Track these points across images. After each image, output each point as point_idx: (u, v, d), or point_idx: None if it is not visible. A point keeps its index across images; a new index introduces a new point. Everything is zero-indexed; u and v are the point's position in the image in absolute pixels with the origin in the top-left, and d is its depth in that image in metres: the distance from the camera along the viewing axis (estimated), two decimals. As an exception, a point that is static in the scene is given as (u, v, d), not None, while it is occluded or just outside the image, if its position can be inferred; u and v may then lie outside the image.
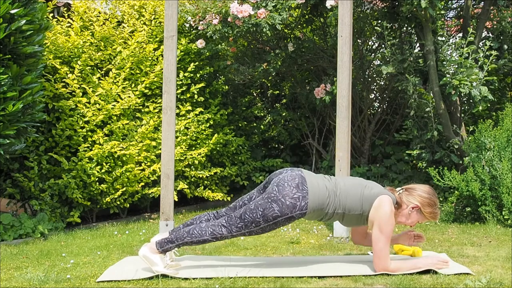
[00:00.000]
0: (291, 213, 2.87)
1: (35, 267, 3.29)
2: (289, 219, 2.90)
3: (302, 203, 2.87)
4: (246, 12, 5.02)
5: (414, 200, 2.99)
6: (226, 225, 2.94)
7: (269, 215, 2.87)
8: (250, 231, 2.93)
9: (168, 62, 4.31)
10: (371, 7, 5.89)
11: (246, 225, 2.91)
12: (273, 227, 2.92)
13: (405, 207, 3.00)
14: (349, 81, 4.17)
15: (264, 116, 6.74)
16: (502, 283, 2.70)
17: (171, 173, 4.23)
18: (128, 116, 5.22)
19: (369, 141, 6.30)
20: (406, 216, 3.02)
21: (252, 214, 2.89)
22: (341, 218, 3.02)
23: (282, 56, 5.89)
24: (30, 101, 4.06)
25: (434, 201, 3.00)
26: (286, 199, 2.86)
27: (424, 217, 3.01)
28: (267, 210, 2.87)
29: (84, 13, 5.32)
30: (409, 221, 3.03)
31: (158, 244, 3.00)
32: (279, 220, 2.88)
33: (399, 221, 3.04)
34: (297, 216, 2.89)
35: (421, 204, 2.98)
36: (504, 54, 5.52)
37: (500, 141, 4.63)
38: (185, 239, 2.98)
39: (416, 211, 3.00)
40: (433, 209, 2.99)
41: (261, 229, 2.93)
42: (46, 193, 4.69)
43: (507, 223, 4.35)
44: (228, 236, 2.96)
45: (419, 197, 2.99)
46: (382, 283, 2.76)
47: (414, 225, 3.09)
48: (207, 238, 2.96)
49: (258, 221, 2.88)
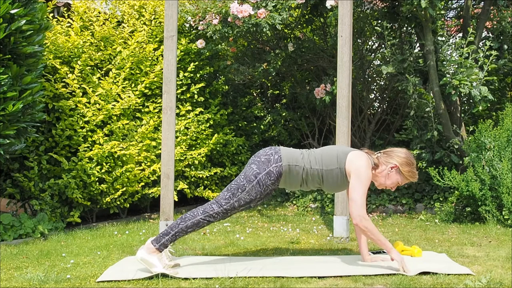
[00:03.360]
0: (267, 167, 3.05)
1: (35, 267, 3.29)
2: (269, 175, 3.04)
3: (276, 156, 3.08)
4: (246, 12, 5.02)
5: (392, 160, 3.13)
6: (214, 201, 3.10)
7: (249, 175, 3.06)
8: (239, 199, 3.05)
9: (168, 62, 4.31)
10: (371, 7, 5.89)
11: (233, 194, 3.06)
12: (258, 189, 3.04)
13: (384, 168, 3.13)
14: (349, 81, 4.17)
15: (264, 116, 6.74)
16: (502, 283, 2.70)
17: (171, 173, 4.23)
18: (128, 116, 5.22)
19: (369, 141, 6.30)
20: (386, 176, 3.14)
21: (237, 181, 3.09)
22: (320, 179, 3.09)
23: (282, 56, 5.89)
24: (30, 101, 4.06)
25: (412, 161, 3.15)
26: (261, 157, 3.11)
27: (403, 176, 3.13)
28: (248, 172, 3.08)
29: (84, 13, 5.32)
30: (388, 182, 3.14)
31: (154, 241, 3.03)
32: (259, 178, 3.04)
33: (379, 182, 3.16)
34: (274, 169, 3.05)
35: (400, 164, 3.12)
36: (504, 54, 5.52)
37: (500, 141, 4.64)
38: (179, 226, 3.05)
39: (395, 171, 3.12)
40: (411, 168, 3.13)
41: (248, 194, 3.05)
42: (46, 193, 4.69)
43: (507, 223, 4.35)
44: (219, 212, 3.06)
45: (397, 157, 3.14)
46: (382, 283, 2.76)
47: (394, 187, 3.18)
48: (200, 218, 3.05)
49: (243, 184, 3.05)
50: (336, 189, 3.20)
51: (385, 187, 3.18)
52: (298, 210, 5.68)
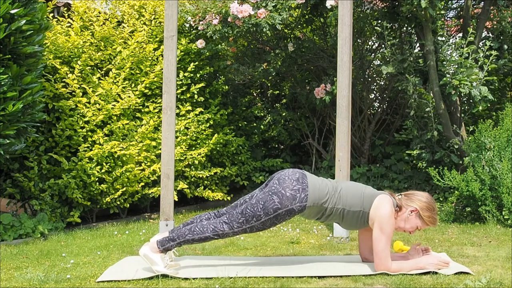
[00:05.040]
0: (291, 204, 2.90)
1: (35, 267, 3.29)
2: (289, 212, 2.91)
3: (302, 195, 2.91)
4: (246, 12, 5.02)
5: (413, 204, 3.02)
6: (227, 221, 2.97)
7: (269, 207, 2.90)
8: (251, 227, 2.95)
9: (168, 62, 4.30)
10: (371, 7, 5.89)
11: (247, 220, 2.94)
12: (273, 221, 2.94)
13: (404, 211, 3.02)
14: (349, 81, 4.16)
15: (264, 116, 6.74)
16: (502, 283, 2.70)
17: (171, 173, 4.23)
18: (128, 116, 5.22)
19: (369, 141, 6.30)
20: (405, 220, 3.03)
21: (253, 208, 2.93)
22: (341, 216, 3.01)
23: (282, 56, 5.89)
24: (30, 101, 4.06)
25: (433, 206, 3.03)
26: (286, 191, 2.91)
27: (423, 221, 3.02)
28: (268, 203, 2.91)
29: (84, 13, 5.32)
30: (407, 226, 3.04)
31: (159, 243, 3.00)
32: (279, 212, 2.91)
33: (398, 226, 3.05)
34: (297, 208, 2.91)
35: (420, 208, 3.00)
36: (504, 54, 5.52)
37: (500, 141, 4.63)
38: (186, 237, 2.99)
39: (415, 215, 3.02)
40: (431, 213, 3.01)
41: (262, 224, 2.94)
42: (46, 193, 4.69)
43: (507, 223, 4.35)
44: (229, 233, 2.97)
45: (418, 201, 3.02)
46: (382, 283, 2.76)
47: (413, 232, 3.09)
48: (209, 235, 2.98)
49: (259, 214, 2.92)
50: (353, 228, 3.10)
51: (404, 230, 3.07)
52: (298, 210, 5.67)
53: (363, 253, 3.26)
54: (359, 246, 3.28)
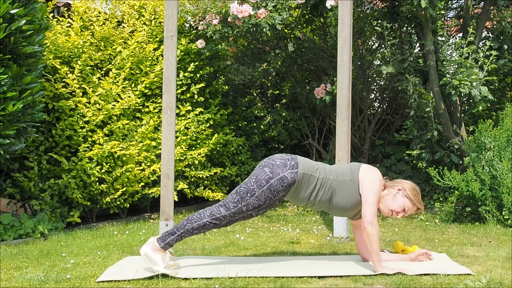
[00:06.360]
0: (282, 172, 2.97)
1: (35, 267, 3.29)
2: (282, 181, 2.96)
3: (292, 162, 3.01)
4: (246, 12, 5.01)
5: (398, 185, 3.13)
6: (222, 204, 3.04)
7: (261, 179, 2.97)
8: (247, 204, 2.99)
9: (168, 62, 4.31)
10: (371, 7, 5.89)
11: (242, 197, 2.99)
12: (268, 195, 2.97)
13: (391, 191, 3.11)
14: (349, 81, 4.17)
15: (264, 116, 6.74)
16: (502, 283, 2.70)
17: (171, 173, 4.23)
18: (128, 116, 5.22)
19: (369, 141, 6.30)
20: (393, 198, 3.10)
21: (246, 184, 3.01)
22: (332, 189, 3.05)
23: (282, 56, 5.89)
24: (30, 101, 4.06)
25: (417, 189, 3.14)
26: (276, 161, 3.02)
27: (410, 201, 3.08)
28: (260, 175, 2.99)
29: (84, 13, 5.32)
30: (395, 205, 3.09)
31: (160, 239, 3.03)
32: (271, 182, 2.96)
33: (386, 205, 3.10)
34: (289, 175, 2.97)
35: (407, 188, 3.11)
36: (504, 54, 5.52)
37: (500, 141, 4.64)
38: (185, 227, 3.02)
39: (402, 194, 3.10)
40: (417, 194, 3.11)
41: (257, 199, 2.98)
42: (46, 193, 4.69)
43: (507, 223, 4.35)
44: (226, 215, 3.01)
45: (404, 183, 3.15)
46: (382, 283, 2.76)
47: (400, 213, 3.10)
48: (207, 221, 3.02)
49: (253, 188, 2.98)
50: (344, 204, 3.08)
51: (391, 212, 3.10)
52: (298, 210, 5.68)
53: (363, 253, 3.26)
54: (357, 247, 3.29)
